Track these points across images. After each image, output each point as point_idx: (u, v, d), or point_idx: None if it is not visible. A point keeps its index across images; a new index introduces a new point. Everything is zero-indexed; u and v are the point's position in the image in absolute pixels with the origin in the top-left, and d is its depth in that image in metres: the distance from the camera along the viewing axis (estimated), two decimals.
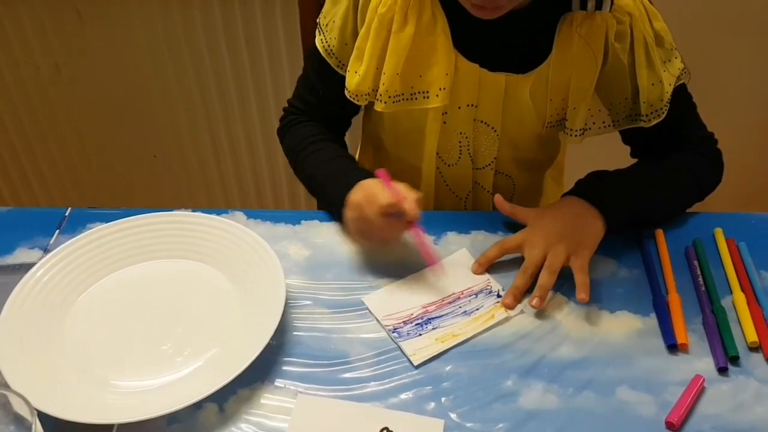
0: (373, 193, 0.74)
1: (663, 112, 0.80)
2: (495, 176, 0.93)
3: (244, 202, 1.72)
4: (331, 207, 0.84)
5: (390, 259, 0.80)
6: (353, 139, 1.40)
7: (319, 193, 0.87)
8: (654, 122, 0.81)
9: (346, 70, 0.83)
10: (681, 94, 0.83)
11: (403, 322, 0.72)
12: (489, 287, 0.76)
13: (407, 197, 0.73)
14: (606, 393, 0.66)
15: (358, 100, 0.82)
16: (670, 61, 0.80)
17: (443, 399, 0.66)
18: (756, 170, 1.57)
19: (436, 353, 0.69)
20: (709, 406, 0.65)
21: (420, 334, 0.71)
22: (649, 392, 0.66)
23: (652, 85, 0.79)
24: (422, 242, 0.76)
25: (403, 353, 0.69)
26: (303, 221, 0.85)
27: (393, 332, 0.71)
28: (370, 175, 0.81)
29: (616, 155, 0.91)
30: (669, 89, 0.80)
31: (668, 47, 0.80)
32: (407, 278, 0.78)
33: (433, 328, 0.72)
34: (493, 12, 0.71)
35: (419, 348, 0.69)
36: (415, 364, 0.68)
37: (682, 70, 0.81)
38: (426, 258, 0.77)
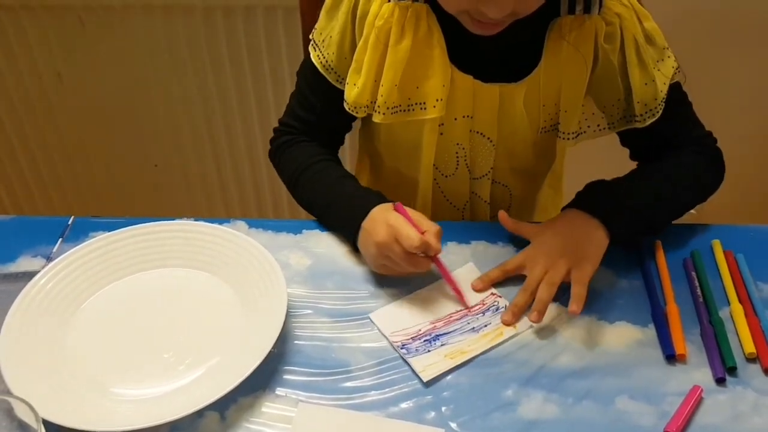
0: (398, 232, 0.73)
1: (657, 112, 0.81)
2: (492, 186, 0.94)
3: (245, 212, 1.72)
4: (341, 231, 0.84)
5: None
6: (351, 151, 1.41)
7: (325, 216, 0.86)
8: (649, 122, 0.81)
9: (344, 84, 0.84)
10: (675, 93, 0.83)
11: (411, 338, 0.72)
12: (496, 303, 0.76)
13: (428, 231, 0.74)
14: (605, 403, 0.66)
15: (357, 113, 0.83)
16: (662, 60, 0.80)
17: (443, 408, 0.66)
18: (754, 182, 1.58)
19: (446, 370, 0.69)
20: (707, 417, 0.65)
21: (429, 351, 0.71)
22: (647, 402, 0.67)
23: (645, 84, 0.79)
24: (447, 275, 0.77)
25: (412, 370, 0.69)
26: (304, 230, 0.86)
27: (402, 348, 0.71)
28: (379, 197, 0.81)
29: (615, 161, 0.91)
30: (663, 88, 0.80)
31: (660, 47, 0.80)
32: (414, 294, 0.77)
33: (442, 345, 0.71)
34: (492, 28, 0.72)
35: (428, 364, 0.69)
36: (425, 380, 0.68)
37: (676, 69, 0.82)
38: (453, 288, 0.77)
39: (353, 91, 0.81)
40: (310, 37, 0.86)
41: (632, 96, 0.80)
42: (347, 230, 0.81)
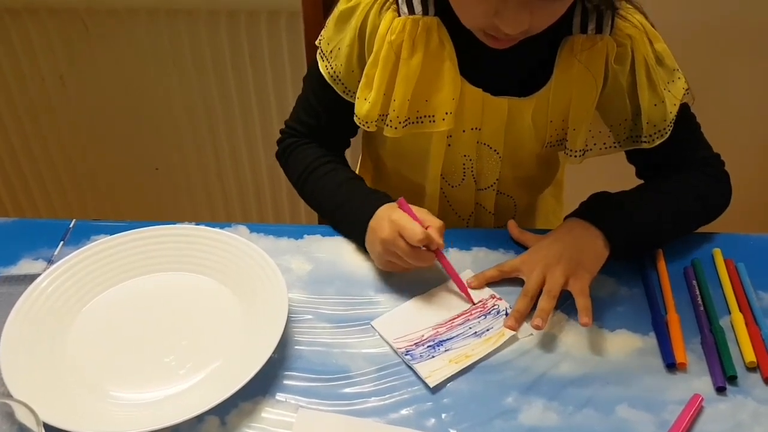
0: (401, 227, 0.74)
1: (666, 132, 0.81)
2: (497, 197, 0.94)
3: (245, 216, 1.72)
4: (349, 232, 0.85)
5: (391, 274, 0.80)
6: (354, 154, 1.41)
7: (333, 218, 0.87)
8: (658, 142, 0.81)
9: (351, 96, 0.84)
10: (684, 114, 0.83)
11: (415, 344, 0.72)
12: (496, 306, 0.77)
13: (432, 226, 0.75)
14: (606, 411, 0.66)
15: (368, 127, 0.82)
16: (672, 82, 0.81)
17: (443, 415, 0.66)
18: (755, 191, 1.58)
19: (451, 374, 0.69)
20: (707, 426, 0.65)
21: (433, 356, 0.71)
22: (648, 411, 0.66)
23: (654, 105, 0.79)
24: (450, 269, 0.77)
25: (418, 376, 0.69)
26: (306, 235, 0.86)
27: (406, 355, 0.71)
28: (385, 197, 0.81)
29: (616, 172, 0.92)
30: (673, 109, 0.80)
31: (670, 68, 0.81)
32: (414, 300, 0.77)
33: (446, 350, 0.71)
34: (506, 43, 0.72)
35: (434, 370, 0.69)
36: (431, 385, 0.68)
37: (686, 90, 0.82)
38: (456, 283, 0.78)
39: (364, 106, 0.81)
40: (317, 44, 0.86)
41: (640, 116, 0.80)
42: (355, 231, 0.82)
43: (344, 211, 0.84)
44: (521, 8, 0.66)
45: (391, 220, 0.76)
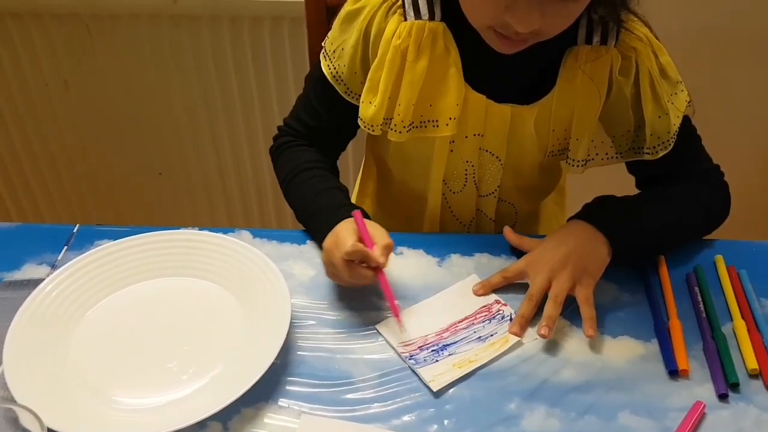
0: (340, 237, 0.74)
1: (670, 144, 0.81)
2: (498, 204, 0.94)
3: (248, 221, 1.72)
4: (317, 240, 0.84)
5: (393, 279, 0.80)
6: (356, 159, 1.41)
7: (306, 223, 0.87)
8: (661, 154, 0.81)
9: (353, 97, 0.84)
10: (685, 126, 0.83)
11: (419, 348, 0.72)
12: (501, 312, 0.77)
13: (377, 243, 0.73)
14: (608, 417, 0.66)
15: (373, 131, 0.82)
16: (675, 94, 0.81)
17: (446, 421, 0.66)
18: (758, 198, 1.58)
19: (455, 379, 0.69)
20: None
21: (437, 360, 0.71)
22: (650, 417, 0.67)
23: (659, 117, 0.79)
24: (387, 291, 0.75)
25: (421, 380, 0.69)
26: (308, 241, 0.86)
27: (410, 359, 0.71)
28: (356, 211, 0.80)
29: (619, 179, 0.92)
30: (676, 122, 0.80)
31: (674, 81, 0.81)
32: (419, 304, 0.78)
33: (450, 354, 0.72)
34: (516, 45, 0.72)
35: (437, 374, 0.69)
36: (435, 390, 0.68)
37: (688, 102, 0.82)
38: (391, 307, 0.75)
39: (369, 110, 0.81)
40: (323, 44, 0.86)
41: (643, 128, 0.80)
42: (318, 240, 0.82)
43: (316, 219, 0.84)
44: (533, 5, 0.66)
45: (335, 230, 0.75)
